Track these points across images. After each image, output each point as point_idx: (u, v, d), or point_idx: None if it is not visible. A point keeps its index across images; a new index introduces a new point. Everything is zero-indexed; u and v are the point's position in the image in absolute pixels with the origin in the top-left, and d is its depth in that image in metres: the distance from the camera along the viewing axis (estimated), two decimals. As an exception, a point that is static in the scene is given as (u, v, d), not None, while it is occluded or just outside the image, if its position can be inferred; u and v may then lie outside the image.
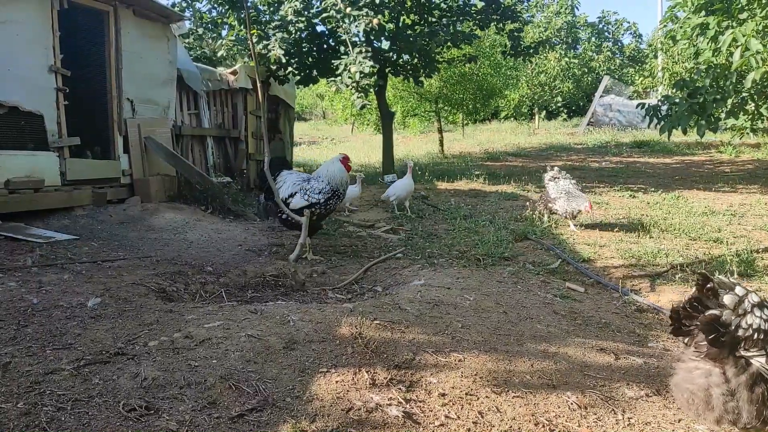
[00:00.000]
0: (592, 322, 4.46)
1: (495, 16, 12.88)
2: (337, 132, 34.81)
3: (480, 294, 4.70)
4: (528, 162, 16.64)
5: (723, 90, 10.82)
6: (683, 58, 20.83)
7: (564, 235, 7.59)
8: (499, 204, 9.83)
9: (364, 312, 3.82)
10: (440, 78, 17.18)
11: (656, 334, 4.41)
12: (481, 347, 3.55)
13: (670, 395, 3.22)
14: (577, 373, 3.37)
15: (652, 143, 19.06)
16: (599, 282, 5.75)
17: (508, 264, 6.18)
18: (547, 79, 29.15)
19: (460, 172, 13.56)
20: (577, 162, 16.53)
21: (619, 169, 14.66)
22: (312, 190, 6.22)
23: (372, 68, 10.28)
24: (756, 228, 7.84)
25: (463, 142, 23.89)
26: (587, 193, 10.76)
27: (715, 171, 14.12)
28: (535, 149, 20.32)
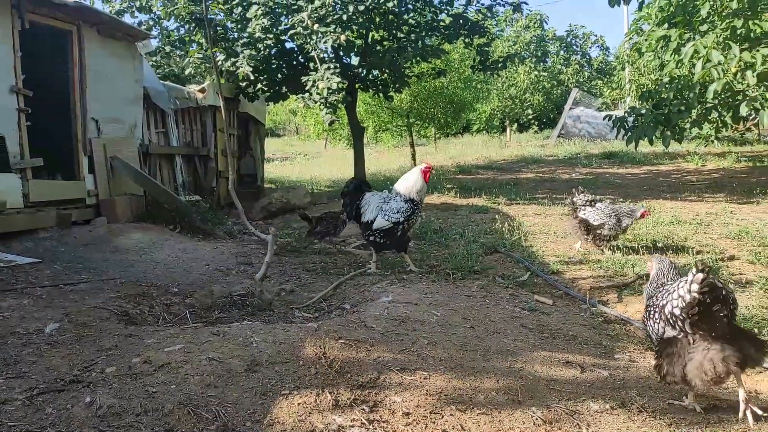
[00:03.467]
0: (560, 334, 4.47)
1: (463, 31, 13.00)
2: (311, 147, 34.74)
3: (448, 309, 4.68)
4: (499, 175, 16.74)
5: (687, 101, 11.04)
6: (649, 70, 21.23)
7: (534, 247, 7.63)
8: (469, 217, 9.86)
9: (329, 331, 3.77)
10: (411, 93, 17.25)
11: (623, 345, 4.44)
12: (447, 364, 3.53)
13: (634, 408, 3.22)
14: (543, 388, 3.36)
15: (621, 154, 19.30)
16: (568, 294, 5.78)
17: (478, 278, 6.18)
18: (518, 92, 29.49)
19: (432, 185, 13.58)
20: (547, 174, 16.68)
21: (589, 180, 14.81)
22: (390, 210, 6.17)
23: (340, 84, 10.29)
24: (721, 236, 7.95)
25: (435, 155, 23.97)
26: (558, 205, 10.87)
27: (682, 180, 14.34)
28: (506, 162, 20.47)
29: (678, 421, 3.13)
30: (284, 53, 12.58)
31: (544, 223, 9.27)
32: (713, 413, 3.27)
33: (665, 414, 3.17)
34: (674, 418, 3.15)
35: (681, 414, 3.22)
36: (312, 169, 21.62)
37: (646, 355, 4.29)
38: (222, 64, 11.12)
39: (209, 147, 11.67)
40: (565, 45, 36.65)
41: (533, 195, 12.16)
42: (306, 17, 10.46)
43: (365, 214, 6.38)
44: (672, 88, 11.40)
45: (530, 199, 11.66)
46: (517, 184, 14.02)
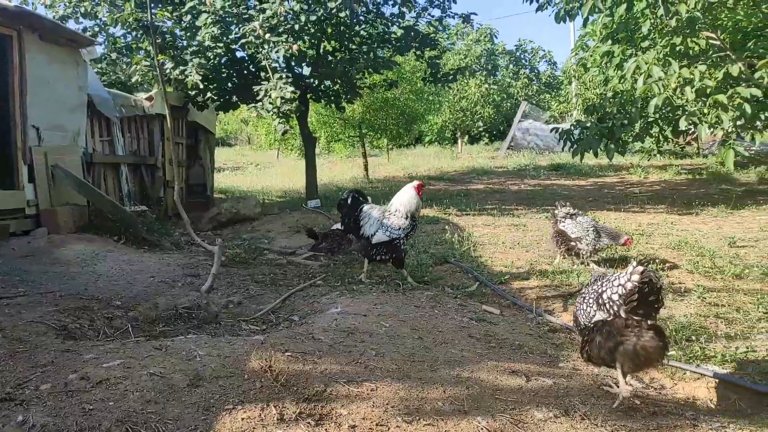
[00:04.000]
0: (506, 344, 4.52)
1: (414, 44, 13.13)
2: (263, 158, 34.43)
3: (397, 320, 4.68)
4: (450, 186, 16.92)
5: (629, 115, 11.39)
6: (594, 85, 21.85)
7: (483, 257, 7.72)
8: (420, 228, 9.90)
9: (276, 344, 3.72)
10: (363, 103, 17.32)
11: (567, 353, 4.51)
12: (395, 375, 3.52)
13: (577, 415, 3.28)
14: (489, 398, 3.38)
15: (568, 166, 19.78)
16: (515, 303, 5.86)
17: (428, 288, 6.21)
18: (469, 105, 29.92)
19: (383, 196, 13.62)
20: (497, 185, 16.94)
21: (537, 192, 15.12)
22: (392, 226, 6.22)
23: (293, 94, 10.25)
24: (662, 246, 8.20)
25: (388, 166, 24.09)
26: (507, 216, 11.05)
27: (625, 192, 14.76)
28: (457, 173, 20.70)
29: (619, 427, 3.19)
30: (235, 62, 12.46)
31: (493, 233, 9.39)
32: (653, 419, 3.35)
33: (607, 421, 3.24)
34: (615, 425, 3.21)
35: (622, 421, 3.28)
36: (264, 179, 21.43)
37: (589, 364, 4.38)
38: (170, 72, 10.95)
39: (157, 156, 11.43)
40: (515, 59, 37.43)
41: (483, 206, 12.32)
42: (257, 26, 10.40)
43: (365, 227, 6.40)
44: (615, 103, 11.75)
45: (480, 210, 11.81)
46: (467, 195, 14.19)
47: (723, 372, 4.20)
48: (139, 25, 11.41)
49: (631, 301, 3.32)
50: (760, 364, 4.20)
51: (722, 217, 10.49)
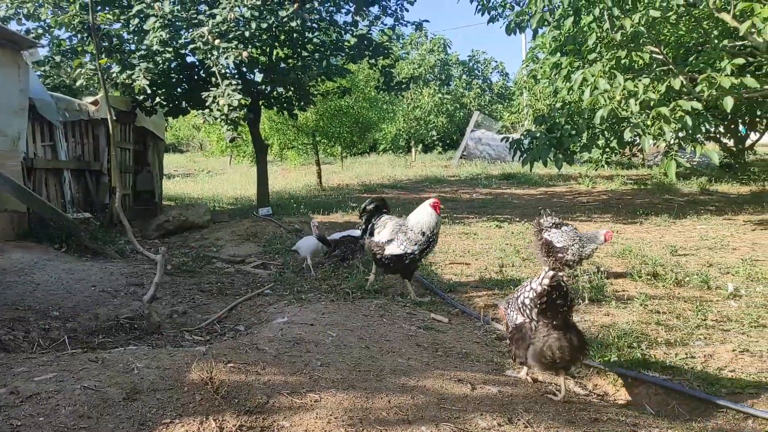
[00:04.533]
0: (453, 352, 4.53)
1: (367, 52, 13.16)
2: (215, 164, 33.93)
3: (344, 329, 4.65)
4: (403, 194, 16.97)
5: (577, 125, 11.65)
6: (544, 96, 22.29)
7: (434, 266, 7.75)
8: (372, 236, 9.89)
9: (218, 354, 3.64)
10: (316, 111, 17.26)
11: (512, 361, 4.55)
12: (340, 385, 3.48)
13: (521, 423, 3.30)
14: (434, 407, 3.37)
15: (519, 175, 20.09)
16: (464, 312, 5.89)
17: (378, 297, 6.19)
18: (422, 114, 30.16)
19: (337, 204, 13.59)
20: (449, 194, 17.07)
21: (488, 200, 15.30)
22: (409, 241, 6.17)
23: (242, 101, 10.13)
24: (608, 255, 8.39)
25: (341, 174, 24.04)
26: (458, 224, 11.13)
27: (574, 201, 15.08)
28: (411, 181, 20.80)
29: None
30: (184, 67, 12.25)
31: (444, 242, 9.44)
32: (593, 426, 3.40)
33: (549, 428, 3.27)
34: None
35: (564, 428, 3.32)
36: (215, 186, 21.10)
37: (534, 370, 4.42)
38: (117, 76, 10.69)
39: (102, 162, 11.12)
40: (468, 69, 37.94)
41: (435, 214, 12.37)
42: (206, 32, 10.25)
43: (377, 234, 6.38)
44: (564, 113, 11.99)
45: (432, 218, 11.85)
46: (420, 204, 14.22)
47: (663, 378, 4.31)
48: (83, 27, 11.11)
49: (540, 303, 3.61)
50: (697, 370, 4.31)
51: (665, 227, 10.81)
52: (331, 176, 22.61)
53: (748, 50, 10.99)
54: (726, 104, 9.46)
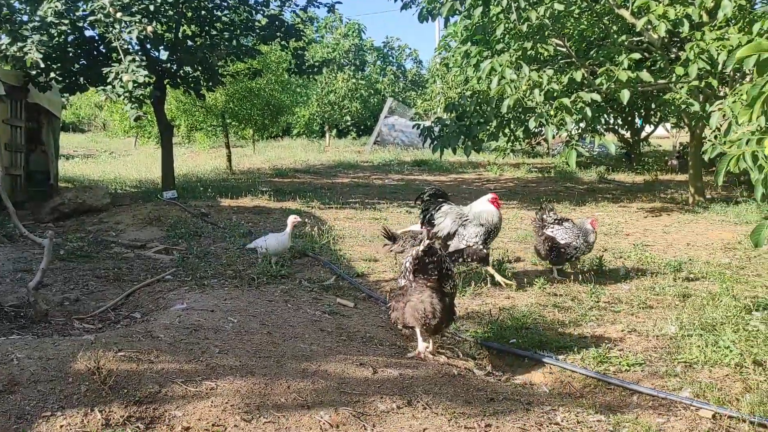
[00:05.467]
0: (357, 336, 4.53)
1: (279, 33, 12.89)
2: (119, 145, 32.37)
3: (246, 315, 4.55)
4: (316, 179, 16.84)
5: (485, 114, 11.92)
6: (456, 84, 22.65)
7: (342, 250, 7.73)
8: (282, 221, 9.72)
9: (108, 343, 3.47)
10: (226, 92, 16.76)
11: (415, 344, 4.60)
12: (238, 372, 3.40)
13: (420, 405, 3.34)
14: (334, 391, 3.36)
15: (431, 162, 20.36)
16: (370, 296, 5.91)
17: (284, 282, 6.11)
18: (337, 99, 29.96)
19: (246, 188, 13.29)
20: (362, 179, 17.09)
21: (400, 186, 15.43)
22: (470, 235, 6.19)
23: (146, 78, 9.68)
24: (511, 240, 8.66)
25: (253, 158, 23.53)
26: (370, 210, 11.17)
27: (482, 188, 15.45)
28: (324, 166, 20.66)
29: (458, 415, 3.28)
30: (83, 41, 11.58)
31: (355, 227, 9.45)
32: (489, 405, 3.49)
33: (447, 409, 3.32)
34: (455, 412, 3.30)
35: (462, 408, 3.38)
36: (118, 168, 20.13)
37: (437, 353, 4.50)
38: (7, 48, 9.94)
39: (-11, 140, 10.35)
40: (382, 56, 38.00)
41: (347, 199, 12.38)
42: (108, 4, 9.71)
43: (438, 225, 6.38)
44: (473, 102, 12.23)
45: (344, 203, 11.85)
46: (332, 189, 14.19)
47: (557, 358, 4.49)
48: (-33, -7, 10.26)
49: (415, 265, 4.09)
50: (589, 349, 4.52)
51: (566, 213, 11.20)
52: (242, 160, 22.10)
53: (644, 46, 11.59)
54: (623, 97, 9.95)
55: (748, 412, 3.41)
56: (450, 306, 4.24)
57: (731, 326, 4.77)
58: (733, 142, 5.30)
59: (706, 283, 6.13)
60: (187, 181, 14.87)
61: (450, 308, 4.24)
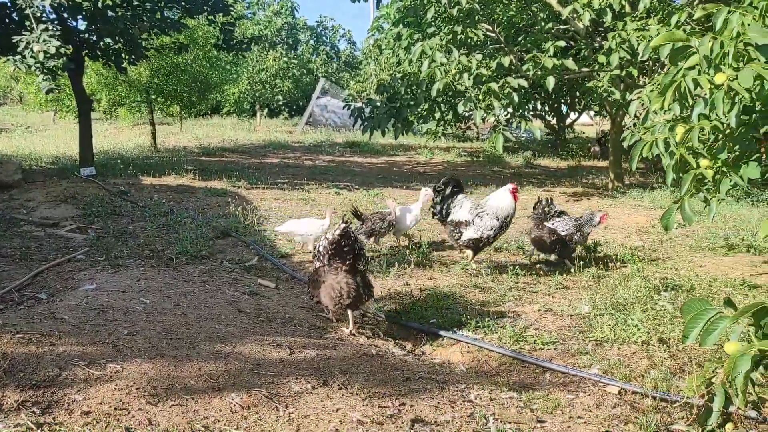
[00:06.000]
0: (277, 317, 4.46)
1: (206, 7, 12.46)
2: (37, 119, 30.72)
3: (161, 296, 4.40)
4: (244, 158, 16.49)
5: (416, 96, 11.94)
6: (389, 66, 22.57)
7: (267, 231, 7.60)
8: (206, 200, 9.51)
9: (6, 325, 3.27)
10: (150, 67, 16.12)
11: (336, 325, 4.58)
12: (147, 354, 3.28)
13: (336, 385, 3.31)
14: (248, 372, 3.29)
15: (363, 144, 20.30)
16: (294, 276, 5.84)
17: (205, 262, 5.96)
18: (268, 77, 29.36)
19: (170, 166, 12.86)
20: (292, 160, 16.86)
21: (331, 168, 15.31)
22: (485, 227, 6.22)
23: (61, 49, 9.16)
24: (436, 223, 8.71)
25: (180, 135, 22.82)
26: (298, 190, 11.02)
27: (412, 171, 15.54)
28: (253, 146, 20.26)
29: (374, 394, 3.28)
30: (-7, 7, 10.86)
31: (282, 207, 9.32)
32: (405, 385, 3.50)
33: (363, 389, 3.31)
34: (371, 392, 3.29)
35: (378, 388, 3.38)
36: (34, 143, 19.10)
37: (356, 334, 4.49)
38: None
39: None
40: (315, 35, 37.46)
41: (275, 180, 12.17)
42: (18, -33, 9.11)
43: (454, 214, 6.45)
44: (404, 84, 12.22)
45: (271, 183, 11.65)
46: (260, 169, 13.92)
47: (475, 337, 4.56)
48: None
49: (330, 249, 4.31)
50: (506, 329, 4.61)
51: (492, 196, 11.46)
52: (168, 137, 21.39)
53: (570, 34, 11.86)
54: (548, 83, 10.15)
55: (652, 388, 3.56)
56: (364, 282, 4.41)
57: (641, 306, 4.97)
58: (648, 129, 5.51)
59: (619, 264, 6.35)
60: (108, 157, 14.26)
61: (366, 285, 4.41)
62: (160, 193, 9.98)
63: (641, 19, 10.14)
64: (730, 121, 4.30)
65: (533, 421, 3.15)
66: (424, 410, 3.15)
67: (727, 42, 4.05)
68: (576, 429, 3.11)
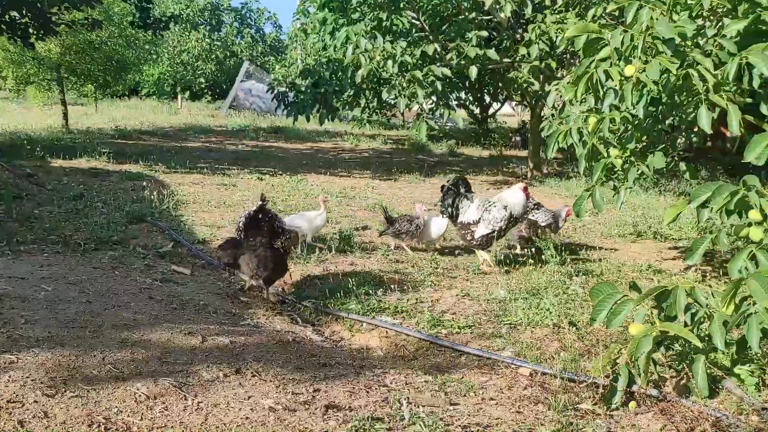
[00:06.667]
0: (190, 304, 4.33)
1: (121, -18, 11.94)
2: (-65, 97, 28.70)
3: (65, 283, 4.17)
4: (164, 142, 15.93)
5: (341, 82, 11.85)
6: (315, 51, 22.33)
7: (184, 216, 7.37)
8: (120, 184, 9.13)
9: None
10: (62, 44, 15.30)
11: (253, 311, 4.49)
12: (46, 344, 3.10)
13: (249, 373, 3.24)
14: (156, 361, 3.17)
15: (288, 129, 20.00)
16: (211, 263, 5.68)
17: (117, 248, 5.71)
18: (190, 59, 28.48)
19: (83, 149, 12.26)
20: (215, 144, 16.44)
21: (255, 153, 15.02)
22: (494, 219, 6.03)
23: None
24: (360, 208, 8.72)
25: (95, 117, 21.82)
26: (219, 175, 10.75)
27: (337, 157, 15.46)
28: (174, 129, 19.62)
29: (288, 381, 3.23)
30: None
31: (201, 192, 9.06)
32: (321, 370, 3.47)
33: (277, 376, 3.25)
34: (285, 379, 3.24)
35: (292, 374, 3.33)
36: (-69, 122, 17.84)
37: (274, 320, 4.42)
38: None
39: None
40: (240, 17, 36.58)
41: (195, 164, 11.83)
42: None
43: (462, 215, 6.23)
44: (329, 69, 12.11)
45: (191, 168, 11.31)
46: (180, 153, 13.49)
47: (393, 322, 4.57)
48: None
49: (246, 223, 4.63)
50: (425, 313, 4.64)
51: (416, 183, 11.57)
52: (82, 119, 20.41)
53: (493, 25, 12.05)
54: (471, 73, 10.30)
55: (561, 369, 3.67)
56: (280, 258, 4.72)
57: (553, 290, 5.12)
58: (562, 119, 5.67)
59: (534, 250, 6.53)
60: (15, 138, 13.46)
61: (280, 260, 4.72)
62: (71, 176, 9.51)
63: (560, 12, 10.41)
64: (638, 113, 4.48)
65: (446, 404, 3.18)
66: (339, 396, 3.12)
67: (637, 35, 4.20)
68: (488, 410, 3.17)
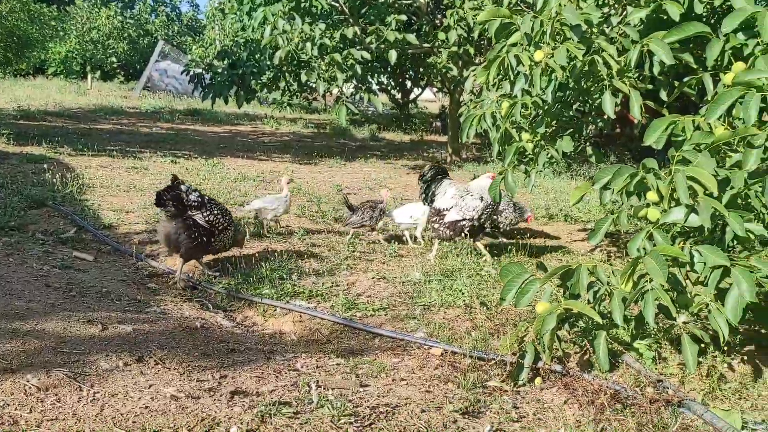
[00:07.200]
0: (92, 292, 4.12)
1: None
2: None
3: (-50, 271, 3.88)
4: (71, 123, 15.12)
5: (259, 64, 11.58)
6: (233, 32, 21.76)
7: (90, 200, 7.02)
8: (20, 167, 8.58)
9: None
10: (-45, 16, 14.25)
11: (160, 298, 4.33)
12: (-77, 337, 2.87)
13: (152, 361, 3.12)
14: (49, 351, 2.99)
15: (205, 112, 19.44)
16: (117, 249, 5.44)
17: (12, 234, 5.36)
18: (100, 37, 27.13)
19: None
20: (126, 126, 15.76)
21: (169, 136, 14.50)
22: (467, 207, 5.88)
23: None
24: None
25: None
26: (129, 158, 10.32)
27: (257, 141, 15.15)
28: (82, 110, 18.66)
29: (193, 368, 3.13)
30: None
31: (109, 176, 8.66)
32: (229, 357, 3.38)
33: (181, 363, 3.14)
34: (189, 366, 3.14)
35: (198, 361, 3.23)
36: None
37: (182, 307, 4.27)
38: None
39: None
40: (155, -5, 35.22)
41: (104, 147, 11.29)
42: None
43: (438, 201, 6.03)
44: (247, 50, 11.81)
45: (100, 150, 10.78)
46: (88, 135, 12.85)
47: (306, 306, 4.51)
48: None
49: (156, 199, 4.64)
50: (339, 297, 4.61)
51: (336, 167, 11.50)
52: (-20, 97, 19.12)
53: (413, 9, 12.07)
54: (391, 57, 10.27)
55: (471, 348, 3.73)
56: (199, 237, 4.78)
57: (467, 272, 5.20)
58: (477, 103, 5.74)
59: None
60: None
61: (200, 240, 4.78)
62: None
63: (478, -1, 10.55)
64: (547, 97, 4.59)
65: (357, 386, 3.17)
66: (246, 381, 3.05)
67: (546, 21, 4.28)
68: (398, 391, 3.18)
